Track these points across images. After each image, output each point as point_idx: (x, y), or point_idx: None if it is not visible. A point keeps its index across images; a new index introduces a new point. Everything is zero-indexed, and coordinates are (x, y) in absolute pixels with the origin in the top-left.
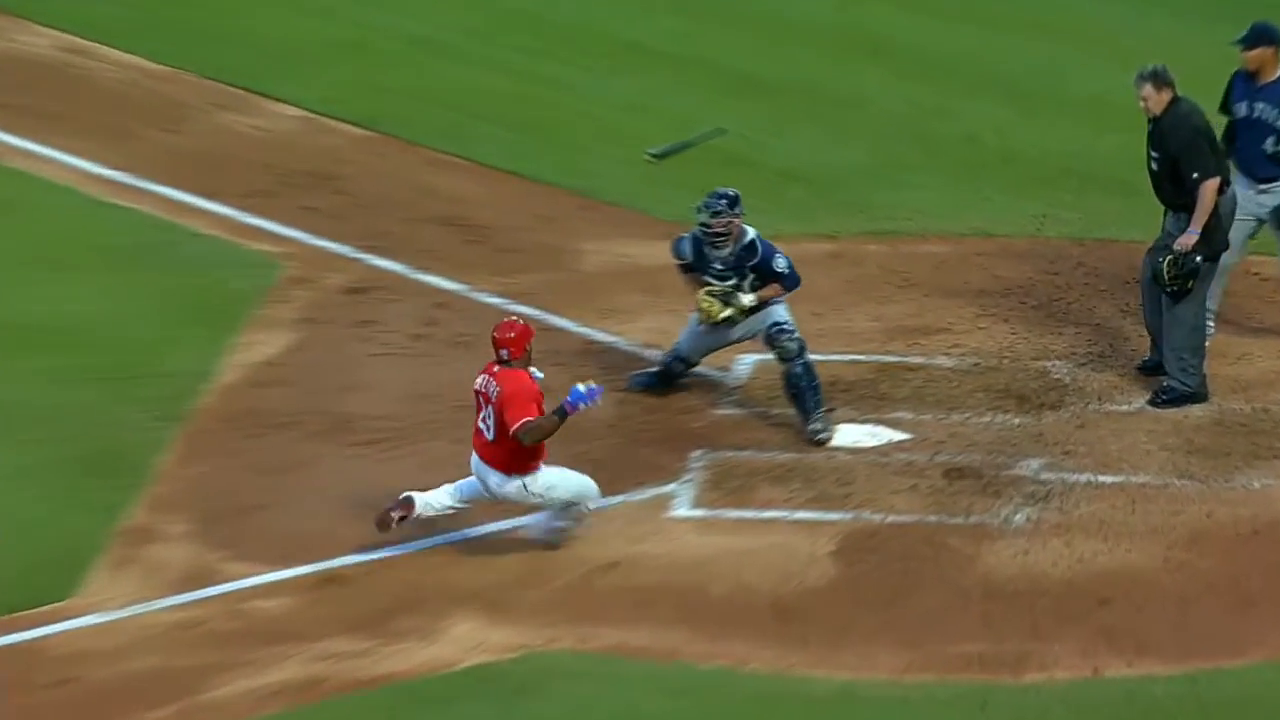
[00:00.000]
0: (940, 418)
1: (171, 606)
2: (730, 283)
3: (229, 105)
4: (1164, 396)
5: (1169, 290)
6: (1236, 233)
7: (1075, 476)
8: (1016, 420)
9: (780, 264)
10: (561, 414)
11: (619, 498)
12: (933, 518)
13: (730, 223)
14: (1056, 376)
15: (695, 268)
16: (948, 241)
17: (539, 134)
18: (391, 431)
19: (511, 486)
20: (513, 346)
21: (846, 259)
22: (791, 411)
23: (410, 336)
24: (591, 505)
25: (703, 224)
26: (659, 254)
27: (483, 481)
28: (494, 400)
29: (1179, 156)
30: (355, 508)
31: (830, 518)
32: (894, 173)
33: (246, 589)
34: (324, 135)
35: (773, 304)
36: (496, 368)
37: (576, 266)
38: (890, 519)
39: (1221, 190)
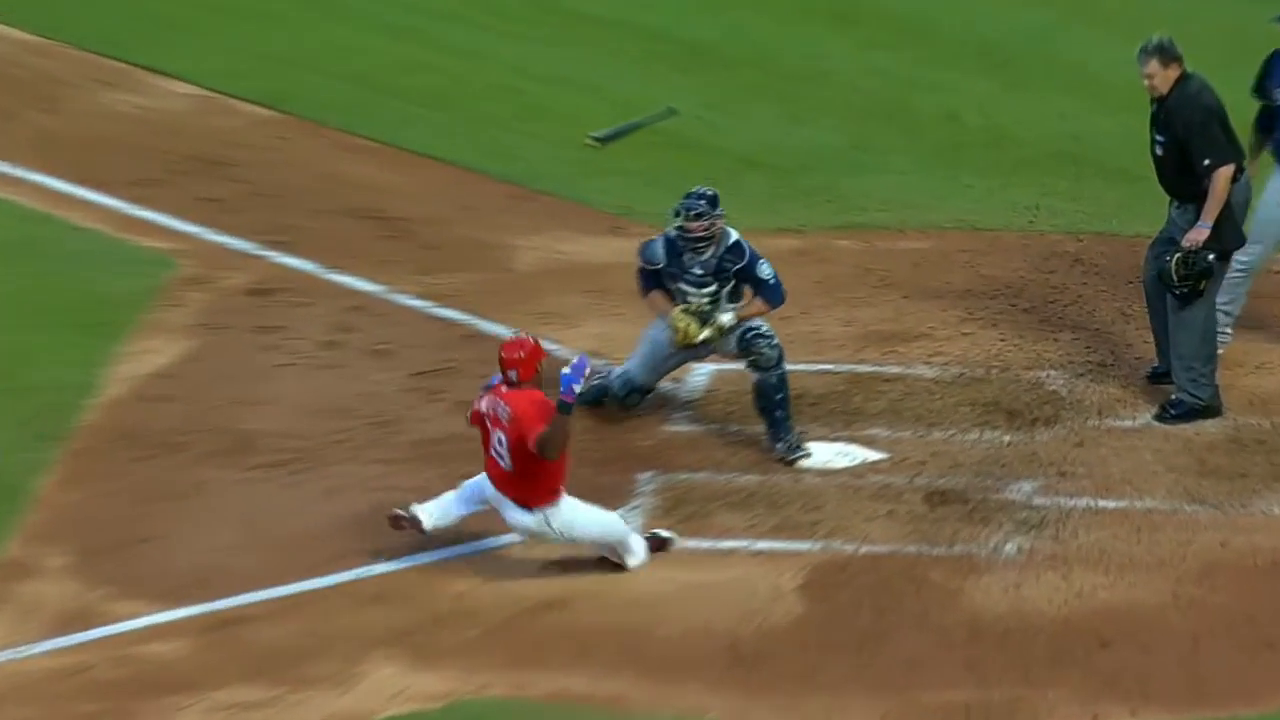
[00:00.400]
0: (920, 435)
1: (49, 651)
2: (710, 290)
3: (112, 82)
4: (1173, 411)
5: (1177, 291)
6: (1270, 231)
7: (1073, 501)
8: (1007, 438)
9: (765, 271)
10: (565, 408)
11: None
12: (912, 548)
13: (713, 225)
14: (1051, 388)
15: (669, 274)
16: (928, 235)
17: (466, 114)
18: (298, 453)
19: (531, 520)
20: (522, 368)
21: (813, 256)
22: (756, 428)
23: (320, 344)
24: (632, 562)
25: (680, 228)
26: (602, 250)
27: (501, 514)
28: (505, 423)
29: (1188, 141)
30: (257, 539)
31: (796, 548)
32: (866, 157)
33: (134, 631)
34: (220, 116)
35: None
36: (504, 389)
37: (509, 265)
38: (864, 549)
39: (1235, 178)
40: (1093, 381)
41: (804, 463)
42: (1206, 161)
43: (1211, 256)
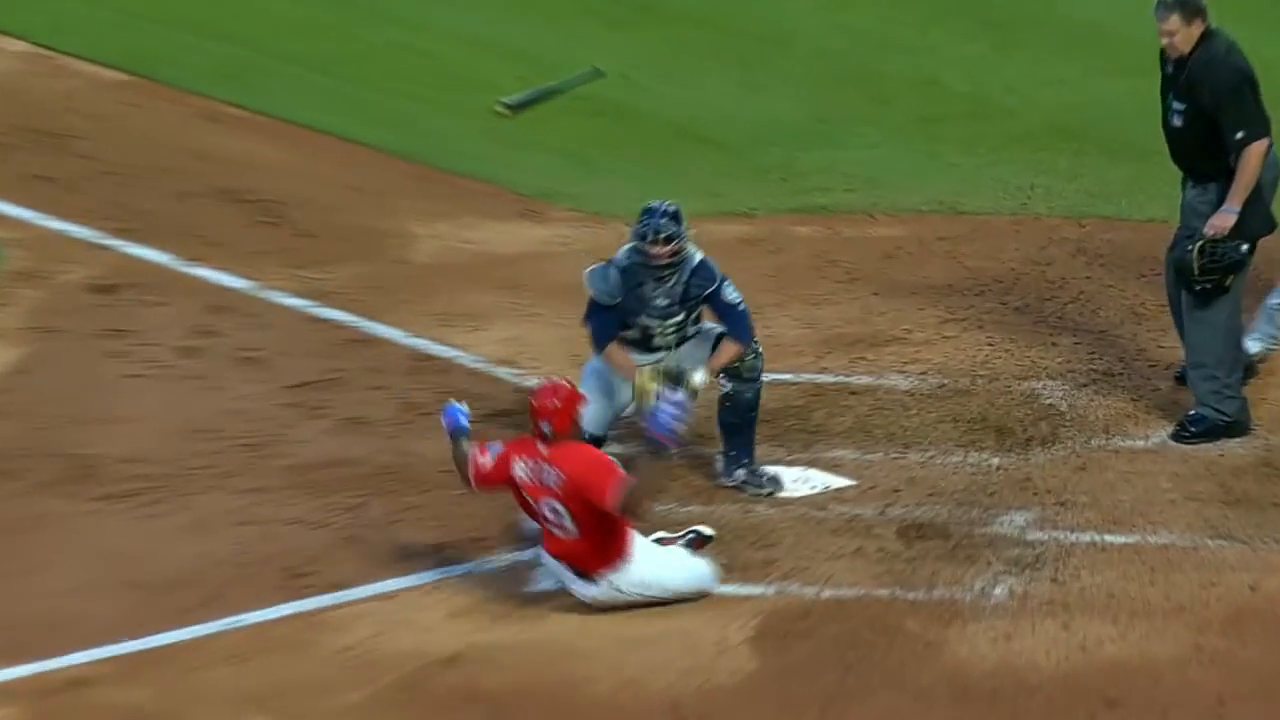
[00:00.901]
0: (894, 457)
1: None
2: (676, 320)
3: None
4: (1193, 428)
5: (1197, 287)
6: None
7: (1074, 536)
8: (996, 460)
9: (731, 295)
10: (657, 448)
11: (462, 567)
12: (884, 592)
13: (681, 247)
14: (1049, 402)
15: (628, 308)
16: (902, 221)
17: (354, 78)
18: (153, 480)
19: (597, 590)
20: (558, 419)
21: (766, 245)
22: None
23: (177, 351)
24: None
25: (643, 252)
26: (515, 239)
27: (567, 588)
28: (558, 489)
29: (1217, 110)
30: (106, 583)
31: (748, 592)
32: (830, 129)
33: None
34: (59, 78)
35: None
36: (542, 447)
37: (405, 256)
38: (827, 594)
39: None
40: (1098, 394)
41: (764, 489)
42: (1240, 135)
43: (1245, 247)
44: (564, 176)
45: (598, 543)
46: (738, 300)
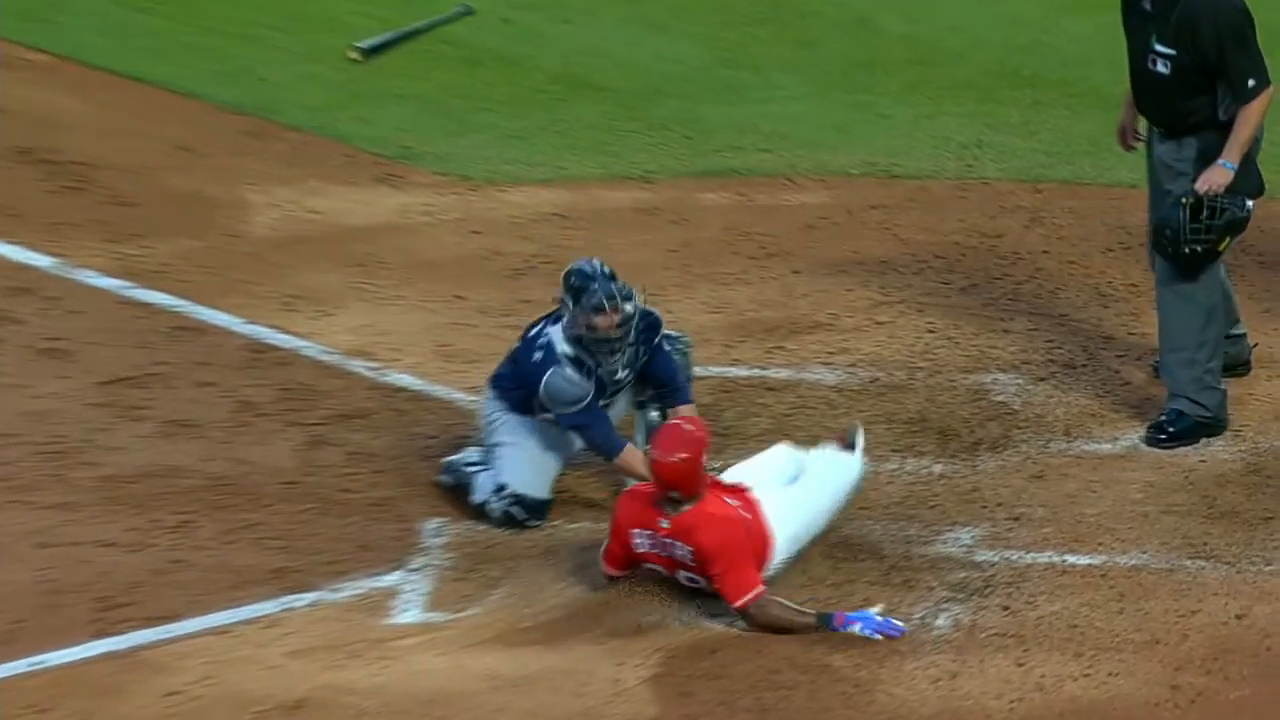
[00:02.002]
0: None
1: None
2: (628, 384)
3: None
4: (1170, 428)
5: (1186, 249)
6: None
7: (1030, 557)
8: (937, 468)
9: (666, 344)
10: (825, 622)
11: (308, 596)
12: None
13: (635, 308)
14: (1000, 399)
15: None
16: (828, 185)
17: (178, 16)
18: None
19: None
20: (685, 483)
21: (667, 214)
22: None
23: None
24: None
25: (592, 327)
26: (370, 208)
27: None
28: (692, 563)
29: (1220, 55)
30: None
31: (646, 623)
32: (742, 78)
33: None
34: None
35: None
36: (665, 521)
37: (240, 229)
38: (740, 625)
39: None
40: (1057, 389)
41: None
42: (1251, 83)
43: (1249, 204)
44: (429, 134)
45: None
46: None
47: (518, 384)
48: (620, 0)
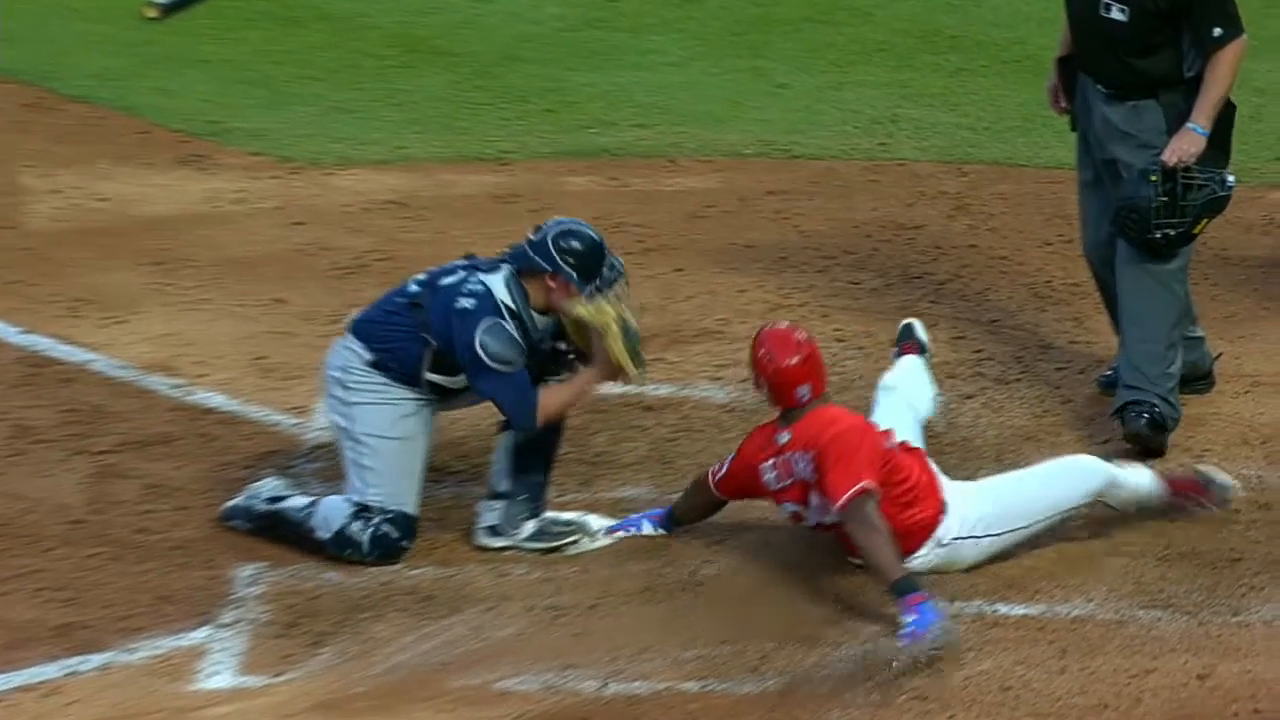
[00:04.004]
0: None
1: None
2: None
3: None
4: (1154, 412)
5: (1158, 234)
6: None
7: (956, 605)
8: None
9: None
10: (901, 589)
11: (97, 657)
12: (693, 685)
13: None
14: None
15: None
16: (715, 167)
17: None
18: None
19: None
20: (816, 377)
21: (528, 201)
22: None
23: None
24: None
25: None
26: (171, 194)
27: None
28: (812, 477)
29: (1188, 1)
30: None
31: (503, 687)
32: (614, 39)
33: None
34: None
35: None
36: (784, 435)
37: (14, 218)
38: (615, 688)
39: None
40: (987, 407)
41: (564, 543)
42: (1218, 31)
43: (1231, 178)
44: (241, 107)
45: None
46: None
47: (411, 337)
48: None
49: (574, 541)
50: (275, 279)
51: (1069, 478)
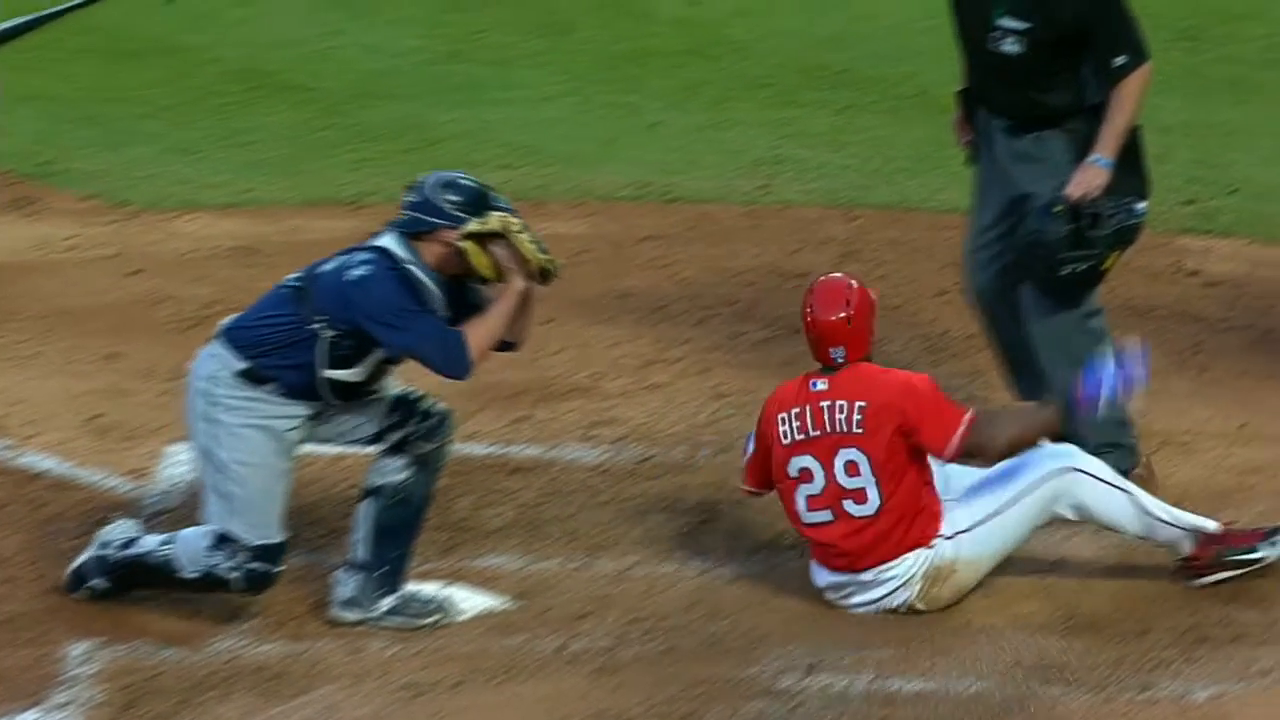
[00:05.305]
0: (577, 567)
1: None
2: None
3: None
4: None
5: (1065, 270)
6: None
7: (845, 680)
8: (729, 570)
9: None
10: (1070, 407)
11: None
12: None
13: None
14: None
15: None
16: (588, 211)
17: None
18: None
19: (903, 589)
20: (853, 338)
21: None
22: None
23: None
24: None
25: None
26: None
27: (837, 594)
28: (850, 429)
29: (1084, 25)
30: None
31: None
32: (475, 73)
33: None
34: None
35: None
36: (820, 382)
37: None
38: None
39: None
40: None
41: (426, 620)
42: (1120, 60)
43: (1142, 206)
44: (72, 146)
45: (903, 514)
46: None
47: (296, 331)
48: None
49: (435, 621)
50: (110, 332)
51: (1032, 455)
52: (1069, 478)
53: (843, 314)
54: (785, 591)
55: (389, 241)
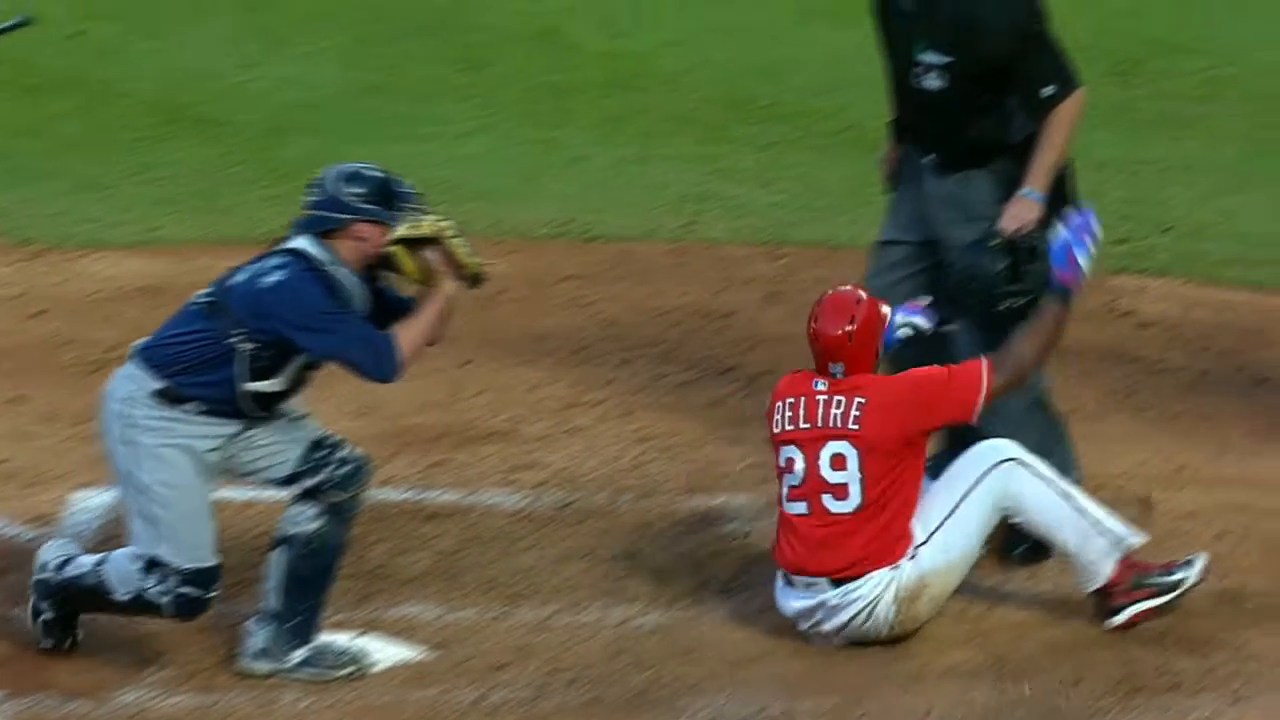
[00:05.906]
0: (496, 616)
1: None
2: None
3: None
4: (1021, 550)
5: (1004, 305)
6: None
7: None
8: (651, 618)
9: None
10: (1064, 296)
11: None
12: None
13: None
14: (731, 527)
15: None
16: (506, 248)
17: None
18: None
19: (875, 609)
20: (853, 353)
21: None
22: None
23: None
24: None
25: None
26: None
27: (808, 621)
28: (845, 425)
29: (1010, 55)
30: None
31: None
32: (393, 107)
33: None
34: None
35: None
36: (823, 382)
37: None
38: None
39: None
40: None
41: (340, 672)
42: (1049, 90)
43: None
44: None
45: (884, 514)
46: None
47: (212, 346)
48: (231, 7)
49: (350, 672)
50: (13, 375)
51: (969, 454)
52: (1007, 468)
53: (846, 328)
54: (710, 640)
55: (302, 243)
